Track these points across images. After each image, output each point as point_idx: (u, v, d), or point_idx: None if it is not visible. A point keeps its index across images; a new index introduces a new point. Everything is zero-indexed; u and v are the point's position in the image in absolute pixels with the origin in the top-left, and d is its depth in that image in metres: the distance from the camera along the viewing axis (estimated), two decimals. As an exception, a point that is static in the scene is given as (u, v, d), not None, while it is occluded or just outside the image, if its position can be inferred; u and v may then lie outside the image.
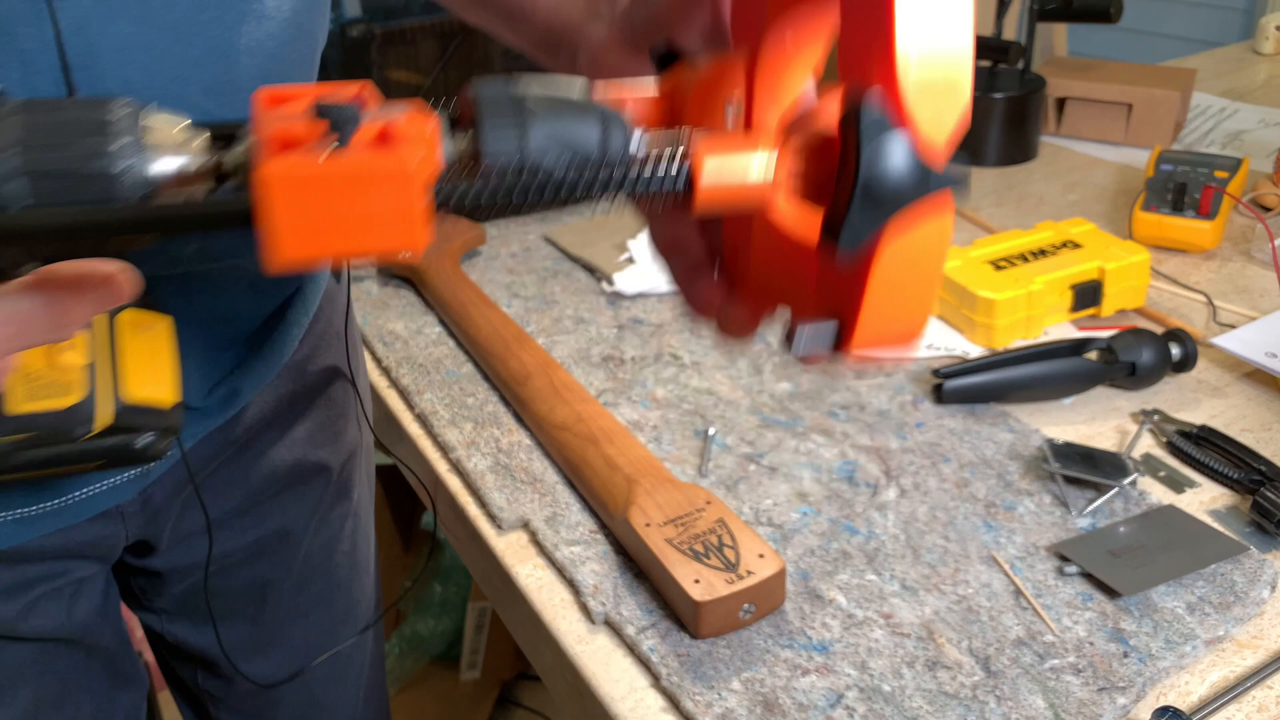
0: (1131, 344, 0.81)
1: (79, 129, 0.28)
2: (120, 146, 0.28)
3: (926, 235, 0.30)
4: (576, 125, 0.32)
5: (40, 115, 0.29)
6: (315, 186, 0.27)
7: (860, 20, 0.30)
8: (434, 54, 2.42)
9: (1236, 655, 0.60)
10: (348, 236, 0.28)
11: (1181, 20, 2.76)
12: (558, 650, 0.63)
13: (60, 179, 0.28)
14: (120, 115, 0.29)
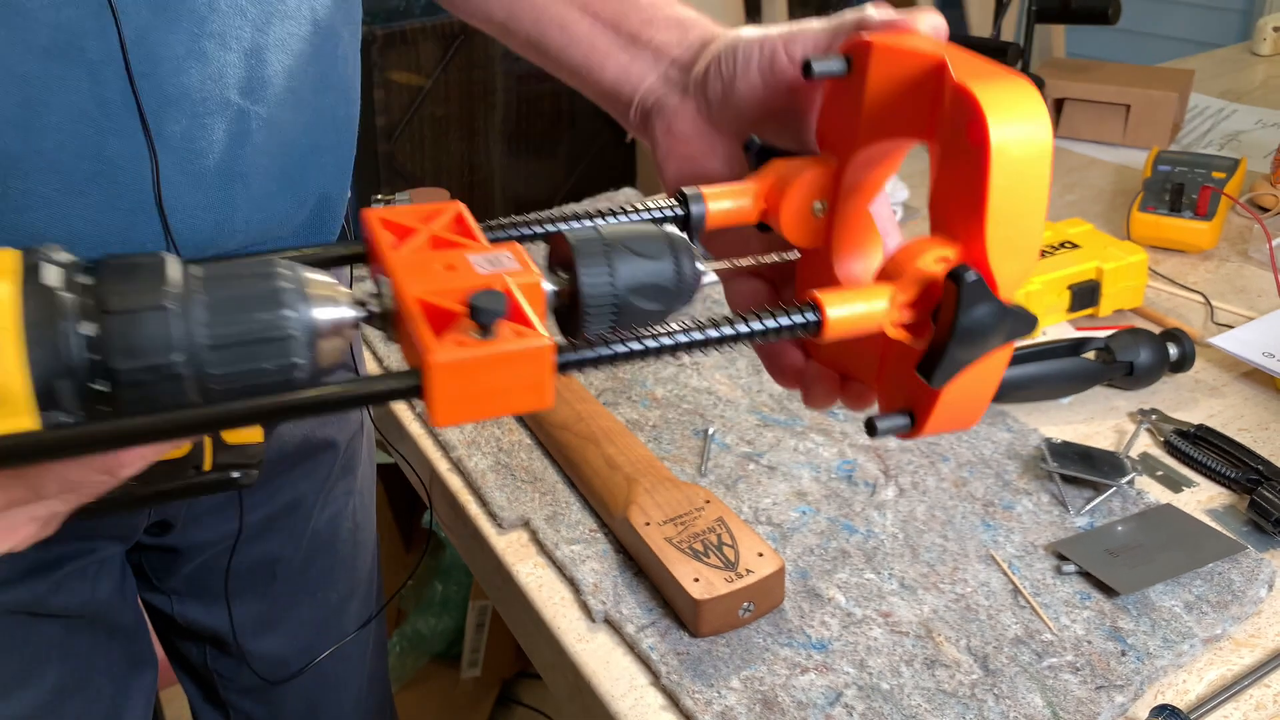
0: (1129, 344, 0.81)
1: (253, 269, 0.34)
2: (294, 313, 0.34)
3: (994, 357, 0.37)
4: (654, 262, 0.39)
5: (219, 291, 0.33)
6: (474, 370, 0.32)
7: (955, 189, 0.36)
8: (434, 55, 2.42)
9: (1234, 654, 0.60)
10: (495, 403, 0.33)
11: (1179, 21, 2.76)
12: (558, 648, 0.63)
13: (244, 347, 0.33)
14: (286, 276, 0.34)
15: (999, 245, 0.35)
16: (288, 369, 0.34)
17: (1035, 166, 0.34)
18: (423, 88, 2.39)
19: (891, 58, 0.39)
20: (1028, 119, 0.34)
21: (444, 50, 2.36)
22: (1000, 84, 0.35)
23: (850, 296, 0.37)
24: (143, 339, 0.31)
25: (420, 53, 2.36)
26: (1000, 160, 0.34)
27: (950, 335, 0.35)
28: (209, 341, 0.33)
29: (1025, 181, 0.35)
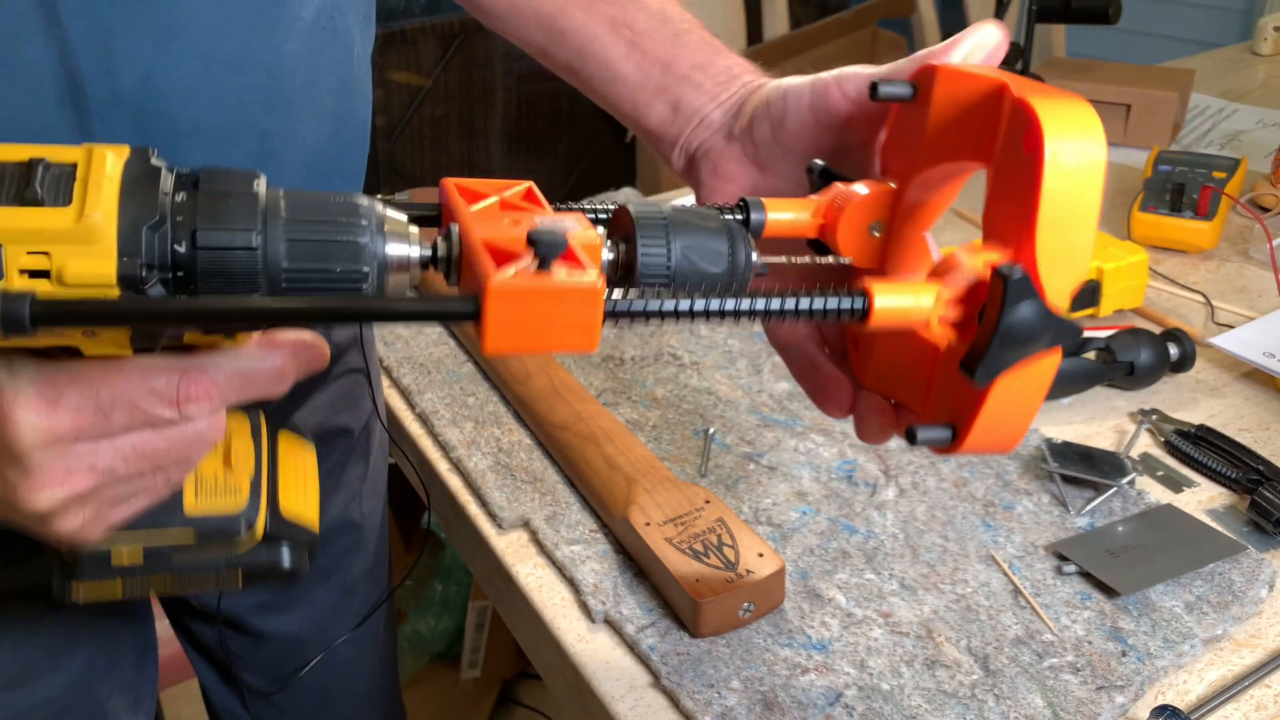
0: (1130, 344, 0.81)
1: (336, 209, 0.36)
2: (367, 234, 0.35)
3: (1038, 369, 0.37)
4: (711, 241, 0.40)
5: (302, 198, 0.36)
6: (529, 299, 0.34)
7: (1009, 199, 0.37)
8: (435, 55, 2.42)
9: (1234, 654, 0.60)
10: (544, 336, 0.35)
11: (1180, 21, 2.76)
12: (558, 649, 0.63)
13: (317, 250, 0.35)
14: (366, 204, 0.36)
15: (1048, 253, 0.36)
16: (356, 280, 0.36)
17: (1088, 179, 0.35)
18: (422, 87, 2.39)
19: (955, 80, 0.41)
20: (1084, 134, 0.35)
21: (444, 50, 2.36)
22: (1059, 100, 0.36)
23: (899, 288, 0.37)
24: (227, 272, 0.34)
25: (420, 52, 2.36)
26: (1054, 168, 0.35)
27: (995, 331, 0.35)
28: (285, 280, 0.35)
29: (1077, 193, 0.35)
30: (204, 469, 0.46)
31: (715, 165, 0.54)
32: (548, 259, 0.33)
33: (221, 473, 0.46)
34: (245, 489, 0.46)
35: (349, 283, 0.36)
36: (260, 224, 0.34)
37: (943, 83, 0.41)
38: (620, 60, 0.57)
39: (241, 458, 0.47)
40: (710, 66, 0.56)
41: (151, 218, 0.33)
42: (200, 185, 0.35)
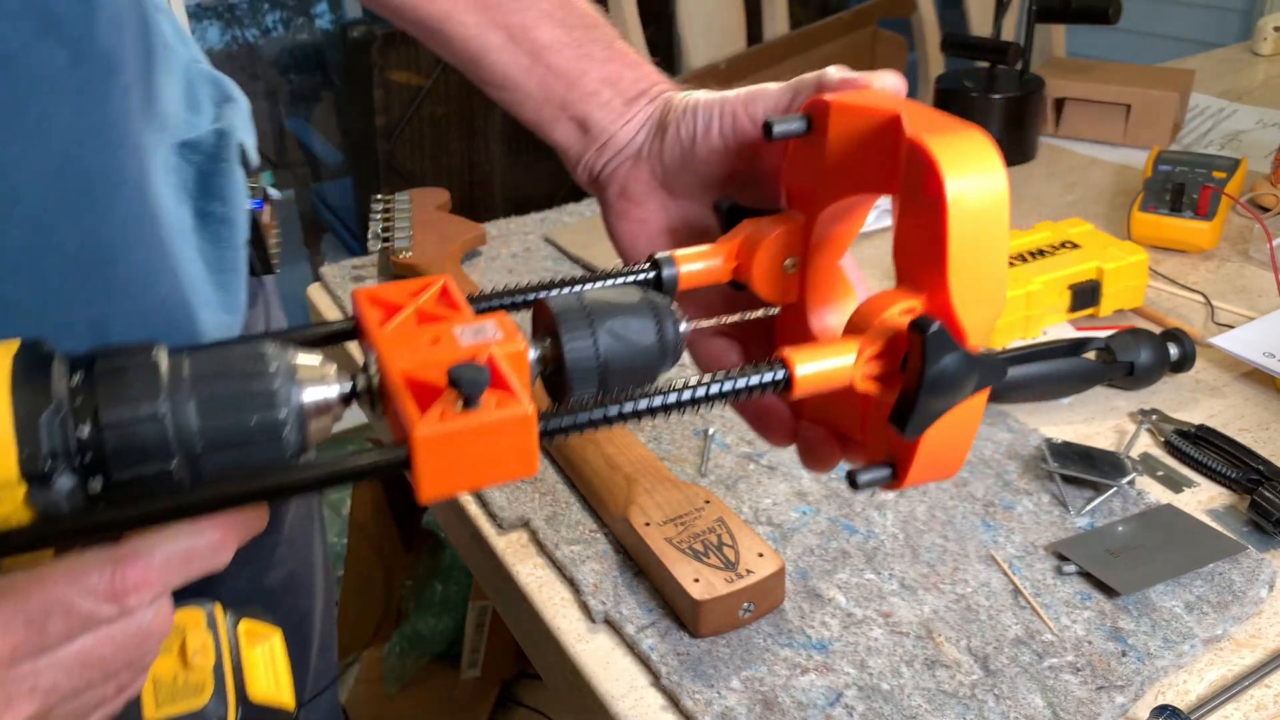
0: (1130, 344, 0.81)
1: (242, 359, 0.34)
2: (279, 380, 0.34)
3: (968, 406, 0.37)
4: (635, 318, 0.39)
5: (210, 389, 0.33)
6: (459, 441, 0.32)
7: (915, 240, 0.37)
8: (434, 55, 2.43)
9: (1234, 654, 0.60)
10: (482, 472, 0.33)
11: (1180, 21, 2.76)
12: (558, 649, 0.63)
13: (228, 404, 0.33)
14: (273, 350, 0.34)
15: (963, 294, 0.36)
16: (279, 452, 0.34)
17: (992, 215, 0.35)
18: (422, 87, 2.39)
19: (849, 115, 0.40)
20: (982, 170, 0.35)
21: (444, 50, 2.36)
22: (953, 136, 0.35)
23: (818, 353, 0.37)
24: (136, 447, 0.32)
25: (420, 52, 2.36)
26: (957, 212, 0.34)
27: (918, 386, 0.35)
28: (201, 444, 0.33)
29: (984, 231, 0.35)
30: (160, 671, 0.44)
31: (623, 187, 0.53)
32: (472, 398, 0.32)
33: (180, 672, 0.44)
34: (208, 685, 0.44)
35: (267, 433, 0.33)
36: (164, 391, 0.32)
37: (837, 116, 0.41)
38: (521, 74, 0.54)
39: (200, 653, 0.45)
40: (618, 81, 0.53)
41: (47, 405, 0.31)
42: (96, 364, 0.33)
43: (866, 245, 1.08)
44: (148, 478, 0.32)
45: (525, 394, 0.34)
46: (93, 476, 0.32)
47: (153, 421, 0.32)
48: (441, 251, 1.01)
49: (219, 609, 0.48)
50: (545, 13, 0.54)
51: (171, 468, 0.32)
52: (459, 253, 1.04)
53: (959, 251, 0.35)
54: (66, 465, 0.31)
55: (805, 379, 0.37)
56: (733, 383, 0.37)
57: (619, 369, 0.39)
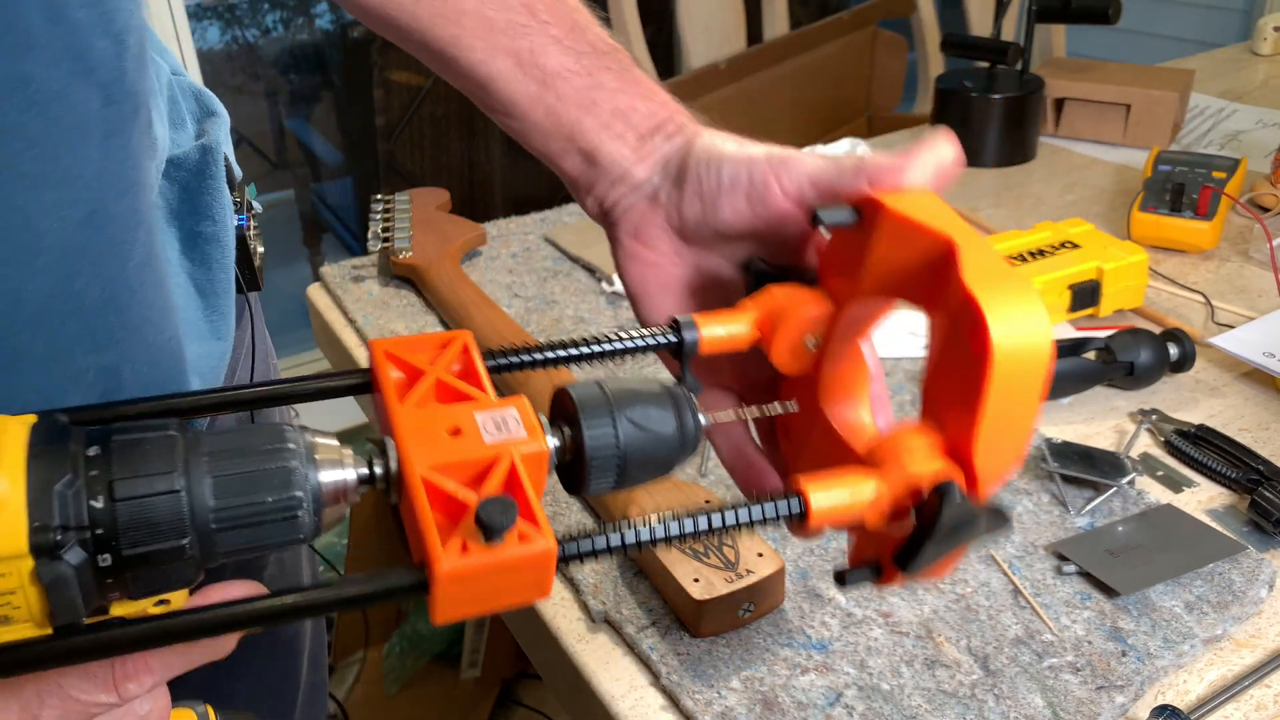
0: (1129, 344, 0.81)
1: (262, 438, 0.33)
2: (297, 460, 0.33)
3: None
4: (656, 408, 0.39)
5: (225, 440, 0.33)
6: (480, 575, 0.32)
7: (950, 380, 0.36)
8: (434, 54, 2.42)
9: (1234, 654, 0.60)
10: (496, 599, 0.33)
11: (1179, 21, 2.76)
12: (558, 649, 0.63)
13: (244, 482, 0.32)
14: (292, 431, 0.34)
15: (988, 449, 0.36)
16: (294, 533, 0.34)
17: (1033, 374, 0.35)
18: (422, 87, 2.39)
19: (902, 227, 0.39)
20: (1030, 329, 0.34)
21: (444, 50, 2.36)
22: (1006, 291, 0.34)
23: (835, 484, 0.37)
24: (150, 522, 0.31)
25: (420, 53, 2.36)
26: (1000, 374, 0.34)
27: (929, 537, 0.35)
28: (215, 522, 0.32)
29: (1022, 389, 0.35)
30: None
31: (636, 228, 0.50)
32: (496, 535, 0.32)
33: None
34: None
35: (283, 513, 0.33)
36: (181, 465, 0.32)
37: (887, 222, 0.39)
38: (528, 102, 0.52)
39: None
40: (631, 114, 0.50)
41: (63, 476, 0.31)
42: (113, 438, 0.32)
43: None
44: (160, 553, 0.32)
45: (547, 526, 0.34)
46: (103, 552, 0.31)
47: (169, 495, 0.31)
48: (441, 251, 1.01)
49: (211, 711, 0.47)
50: (554, 38, 0.51)
51: (184, 544, 0.32)
52: (459, 253, 1.04)
53: (993, 410, 0.35)
54: (76, 539, 0.31)
55: (821, 512, 0.37)
56: (749, 512, 0.37)
57: (638, 459, 0.38)
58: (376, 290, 1.02)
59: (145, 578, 0.32)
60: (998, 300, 0.34)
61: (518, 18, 0.51)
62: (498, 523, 0.31)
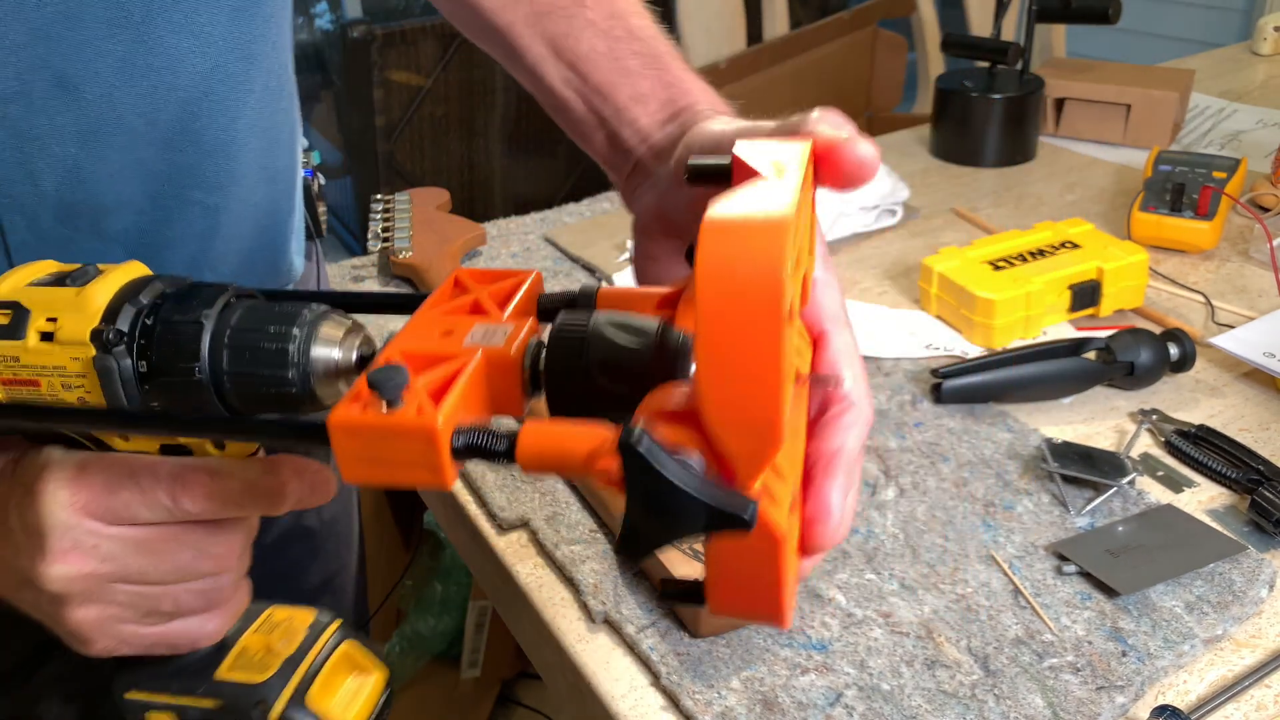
0: (1130, 344, 0.81)
1: (275, 318, 0.39)
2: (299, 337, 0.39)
3: (742, 547, 0.33)
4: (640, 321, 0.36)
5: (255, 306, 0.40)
6: (368, 434, 0.33)
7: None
8: (434, 55, 2.42)
9: (1235, 654, 0.60)
10: (392, 471, 0.34)
11: (1180, 21, 2.76)
12: (558, 649, 0.63)
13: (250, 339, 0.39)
14: (309, 313, 0.39)
15: (715, 394, 0.29)
16: (281, 384, 0.39)
17: (752, 308, 0.28)
18: (422, 87, 2.39)
19: (743, 170, 0.35)
20: (752, 254, 0.28)
21: (443, 50, 2.36)
22: (739, 221, 0.29)
23: (557, 432, 0.33)
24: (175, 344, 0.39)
25: (420, 52, 2.36)
26: (708, 293, 0.28)
27: (629, 502, 0.30)
28: (228, 384, 0.39)
29: (739, 321, 0.28)
30: (250, 643, 0.49)
31: (647, 226, 0.48)
32: (393, 400, 0.33)
33: (262, 652, 0.48)
34: (272, 669, 0.47)
35: (276, 385, 0.39)
36: (215, 316, 0.39)
37: (738, 168, 0.36)
38: (561, 86, 0.52)
39: (284, 640, 0.49)
40: (649, 99, 0.49)
41: (137, 301, 0.40)
42: (180, 292, 0.41)
43: (866, 245, 1.08)
44: (178, 371, 0.39)
45: (453, 413, 0.33)
46: (144, 358, 0.39)
47: (194, 326, 0.39)
48: (441, 251, 1.01)
49: (337, 623, 0.51)
50: (590, 21, 0.51)
51: (195, 367, 0.39)
52: (459, 253, 1.04)
53: (709, 340, 0.29)
54: (125, 343, 0.39)
55: (528, 455, 0.33)
56: (464, 439, 0.34)
57: (603, 356, 0.35)
58: (376, 290, 1.02)
59: (169, 390, 0.39)
60: (722, 226, 0.29)
61: (562, 2, 0.53)
62: (382, 383, 0.33)
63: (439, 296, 0.40)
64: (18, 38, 0.46)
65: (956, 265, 0.92)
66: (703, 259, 0.28)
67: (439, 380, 0.35)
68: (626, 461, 0.30)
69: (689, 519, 0.31)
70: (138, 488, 0.40)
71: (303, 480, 0.42)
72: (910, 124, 1.43)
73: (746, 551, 0.33)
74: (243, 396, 0.39)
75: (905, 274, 1.01)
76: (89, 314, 0.39)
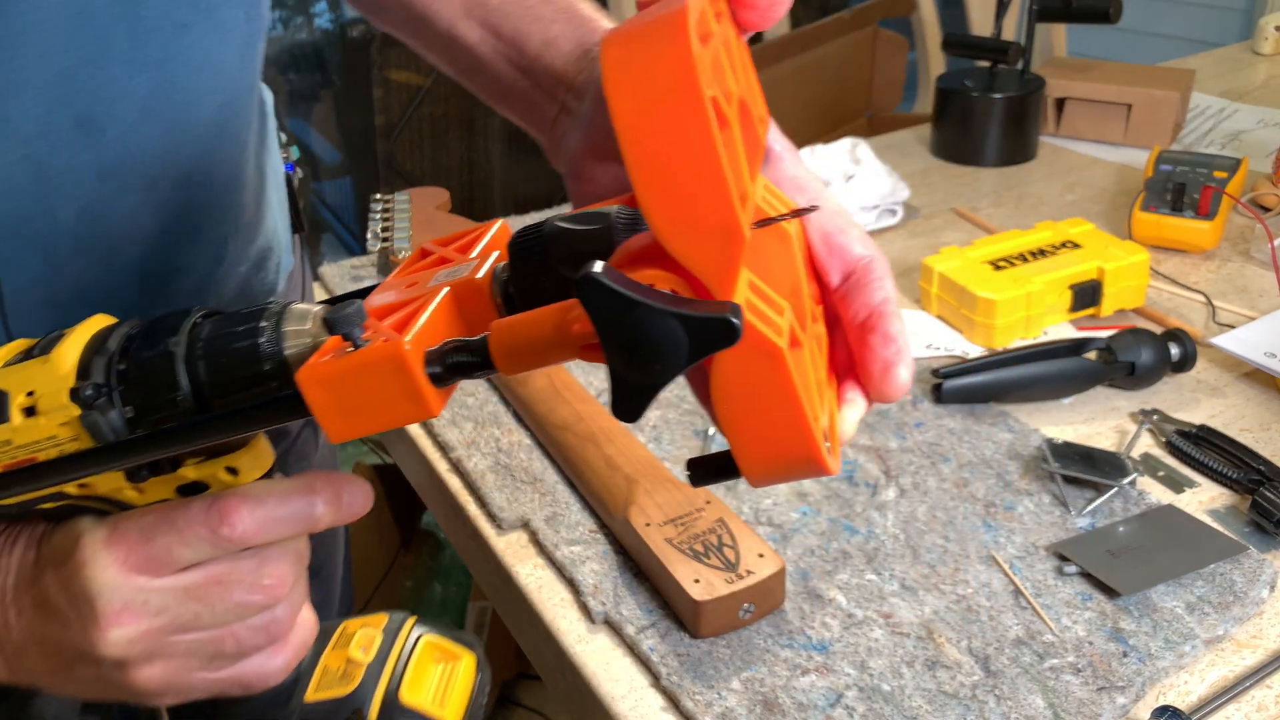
0: (1130, 344, 0.81)
1: (242, 318, 0.39)
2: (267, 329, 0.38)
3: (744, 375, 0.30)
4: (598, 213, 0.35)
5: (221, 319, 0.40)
6: (340, 380, 0.32)
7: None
8: (434, 54, 2.42)
9: (1235, 655, 0.60)
10: (374, 414, 0.32)
11: (1180, 21, 2.76)
12: (558, 650, 0.63)
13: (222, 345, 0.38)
14: (274, 308, 0.39)
15: (661, 211, 0.27)
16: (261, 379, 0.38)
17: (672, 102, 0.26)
18: (422, 87, 2.39)
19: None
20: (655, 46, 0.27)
21: (444, 50, 2.36)
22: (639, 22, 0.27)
23: (523, 320, 0.32)
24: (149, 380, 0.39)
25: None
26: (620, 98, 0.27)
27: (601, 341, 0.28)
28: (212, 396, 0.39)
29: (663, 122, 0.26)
30: (330, 661, 0.50)
31: (574, 166, 0.47)
32: (352, 336, 0.32)
33: (343, 665, 0.49)
34: (358, 678, 0.48)
35: (256, 381, 0.38)
36: (184, 337, 0.39)
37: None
38: (477, 45, 0.51)
39: (363, 648, 0.50)
40: (562, 41, 0.48)
41: (105, 350, 0.39)
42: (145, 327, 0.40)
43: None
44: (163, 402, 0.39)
45: (422, 337, 0.32)
46: (128, 403, 0.39)
47: (164, 355, 0.39)
48: (441, 251, 1.01)
49: (411, 620, 0.51)
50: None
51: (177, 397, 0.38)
52: (459, 252, 1.04)
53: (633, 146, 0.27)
54: (107, 391, 0.39)
55: (503, 351, 0.32)
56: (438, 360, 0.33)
57: (563, 241, 0.34)
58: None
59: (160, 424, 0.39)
60: (619, 36, 0.27)
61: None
62: (339, 320, 0.32)
63: (406, 266, 0.40)
64: (43, 79, 0.46)
65: (957, 265, 0.92)
66: (607, 72, 0.26)
67: (403, 317, 0.34)
68: (588, 301, 0.27)
69: (672, 346, 0.27)
70: (173, 529, 0.39)
71: (334, 490, 0.41)
72: (911, 124, 1.43)
73: (752, 378, 0.30)
74: (229, 405, 0.39)
75: (906, 274, 1.01)
76: (62, 376, 0.39)
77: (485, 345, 0.32)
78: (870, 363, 0.36)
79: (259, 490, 0.41)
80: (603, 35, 0.47)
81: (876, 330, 0.36)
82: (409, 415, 0.33)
